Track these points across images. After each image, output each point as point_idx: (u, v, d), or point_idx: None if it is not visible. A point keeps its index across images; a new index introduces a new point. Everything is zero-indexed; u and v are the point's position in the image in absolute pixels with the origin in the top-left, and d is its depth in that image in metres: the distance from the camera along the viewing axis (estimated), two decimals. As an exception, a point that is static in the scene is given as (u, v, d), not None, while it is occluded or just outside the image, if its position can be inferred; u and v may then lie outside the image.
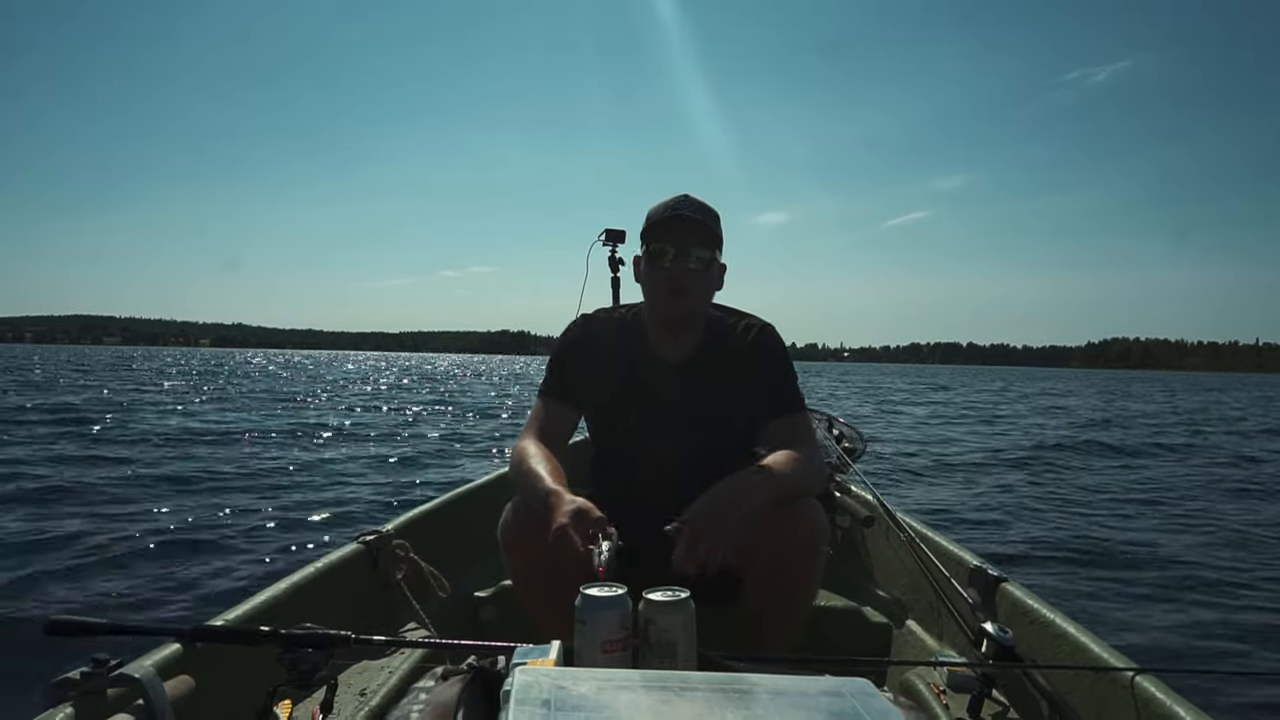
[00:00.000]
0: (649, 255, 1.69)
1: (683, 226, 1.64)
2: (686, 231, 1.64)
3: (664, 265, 1.65)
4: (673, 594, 1.09)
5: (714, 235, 1.67)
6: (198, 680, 1.16)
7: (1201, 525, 6.14)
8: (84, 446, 8.60)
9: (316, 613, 1.34)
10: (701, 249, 1.65)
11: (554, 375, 1.77)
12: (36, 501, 5.50)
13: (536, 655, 0.99)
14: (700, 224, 1.64)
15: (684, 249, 1.64)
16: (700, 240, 1.65)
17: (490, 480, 2.61)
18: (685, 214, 1.64)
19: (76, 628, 1.17)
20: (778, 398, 1.70)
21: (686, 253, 1.64)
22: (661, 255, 1.65)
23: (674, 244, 1.64)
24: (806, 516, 1.51)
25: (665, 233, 1.65)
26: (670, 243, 1.64)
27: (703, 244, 1.65)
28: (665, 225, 1.65)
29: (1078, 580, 4.39)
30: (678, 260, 1.64)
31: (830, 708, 0.73)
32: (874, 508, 2.29)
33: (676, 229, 1.64)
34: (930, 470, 9.00)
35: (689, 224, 1.64)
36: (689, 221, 1.64)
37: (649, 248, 1.68)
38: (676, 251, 1.64)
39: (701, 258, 1.65)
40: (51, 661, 2.88)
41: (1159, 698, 1.19)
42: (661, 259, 1.65)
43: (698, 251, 1.64)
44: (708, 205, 1.70)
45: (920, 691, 1.49)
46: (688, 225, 1.64)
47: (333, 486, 6.72)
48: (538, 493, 1.45)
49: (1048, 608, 1.56)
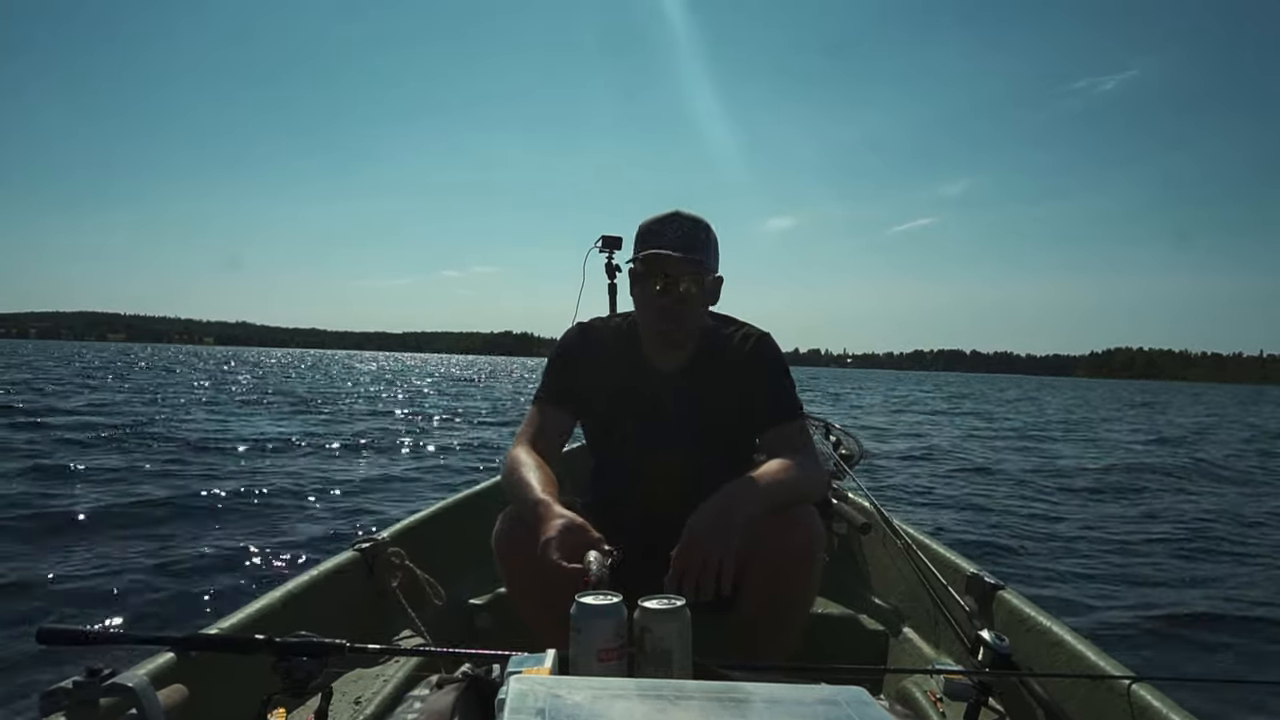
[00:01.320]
0: (636, 276, 1.68)
1: (668, 261, 1.61)
2: (672, 264, 1.61)
3: (652, 292, 1.65)
4: (668, 602, 1.08)
5: (701, 263, 1.63)
6: (192, 689, 1.15)
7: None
8: (204, 460, 8.20)
9: (311, 621, 1.33)
10: (688, 279, 1.63)
11: (550, 381, 1.77)
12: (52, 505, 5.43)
13: (531, 664, 0.99)
14: (685, 257, 1.61)
15: (671, 279, 1.63)
16: (687, 271, 1.62)
17: (485, 488, 2.60)
18: (669, 246, 1.61)
19: (69, 636, 1.16)
20: (775, 405, 1.70)
21: (673, 283, 1.63)
22: (649, 282, 1.65)
23: (660, 275, 1.63)
24: (803, 523, 1.51)
25: (653, 262, 1.62)
26: (656, 273, 1.63)
27: (690, 274, 1.63)
28: (651, 258, 1.62)
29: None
30: (664, 291, 1.63)
31: (826, 716, 0.73)
32: (871, 515, 2.29)
33: (662, 261, 1.61)
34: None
35: (674, 261, 1.60)
36: (675, 256, 1.60)
37: (636, 269, 1.67)
38: (663, 284, 1.63)
39: (688, 286, 1.63)
40: (44, 671, 2.87)
41: (1155, 706, 1.18)
42: (649, 285, 1.65)
43: (685, 281, 1.63)
44: (700, 223, 1.66)
45: (917, 700, 1.49)
46: (673, 262, 1.60)
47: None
48: (528, 503, 1.45)
49: (1045, 616, 1.56)
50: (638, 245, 1.67)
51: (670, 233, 1.63)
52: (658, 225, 1.65)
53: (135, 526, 4.97)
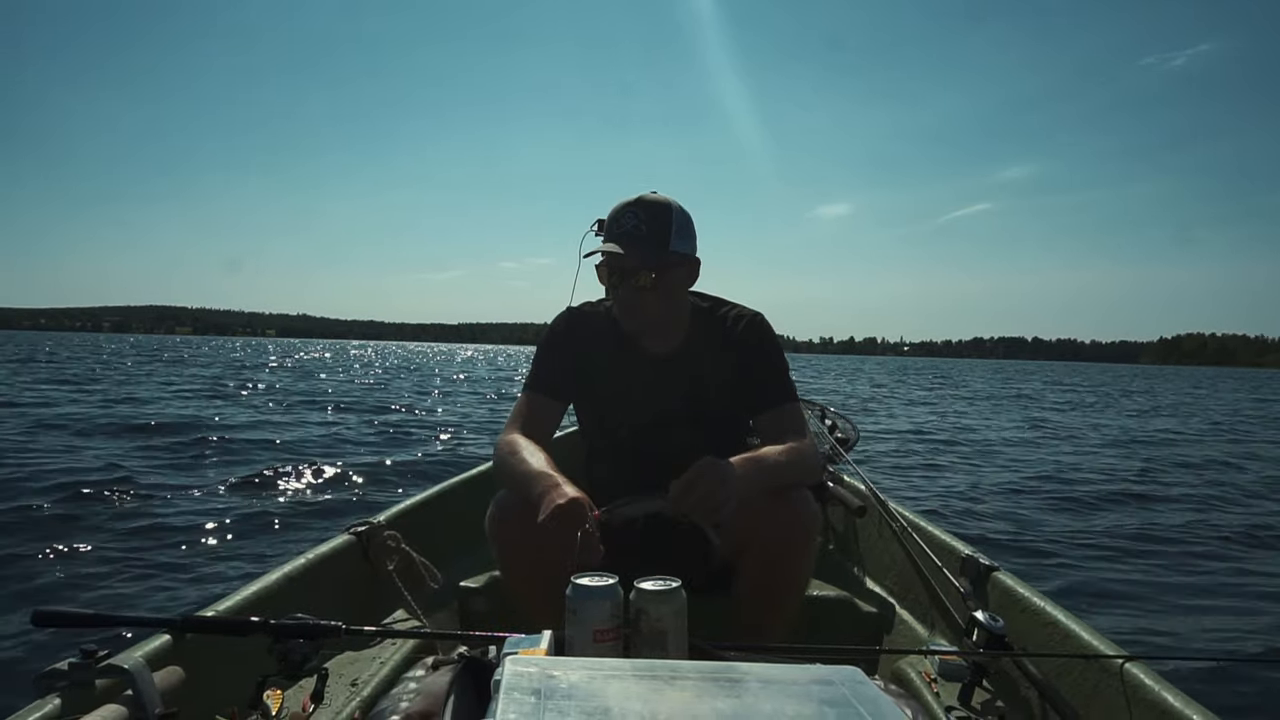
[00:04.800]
0: (599, 269, 1.66)
1: (618, 260, 1.58)
2: (624, 259, 1.58)
3: (613, 286, 1.64)
4: (664, 583, 1.09)
5: (657, 255, 1.60)
6: (187, 670, 1.15)
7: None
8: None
9: (307, 603, 1.33)
10: (649, 271, 1.60)
11: (539, 369, 1.74)
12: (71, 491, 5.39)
13: (527, 645, 0.99)
14: (640, 253, 1.58)
15: (629, 273, 1.60)
16: (643, 264, 1.59)
17: (481, 471, 2.60)
18: (622, 239, 1.58)
19: (64, 618, 1.16)
20: (769, 388, 1.69)
21: (632, 275, 1.60)
22: (609, 275, 1.64)
23: (617, 269, 1.61)
24: (798, 506, 1.51)
25: (609, 258, 1.60)
26: (612, 267, 1.61)
27: (647, 265, 1.59)
28: (607, 254, 1.59)
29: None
30: (624, 285, 1.62)
31: (821, 696, 0.73)
32: (866, 498, 2.29)
33: (613, 257, 1.59)
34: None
35: (626, 255, 1.57)
36: (626, 253, 1.57)
37: (597, 260, 1.64)
38: (622, 277, 1.61)
39: (644, 277, 1.60)
40: (39, 652, 2.88)
41: (1148, 684, 1.19)
42: (609, 279, 1.64)
43: (641, 274, 1.60)
44: (663, 208, 1.62)
45: (912, 680, 1.50)
46: (622, 257, 1.58)
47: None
48: (530, 476, 1.42)
49: (1038, 596, 1.57)
50: (604, 235, 1.64)
51: (628, 223, 1.60)
52: (617, 215, 1.62)
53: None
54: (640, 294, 1.62)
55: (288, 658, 1.17)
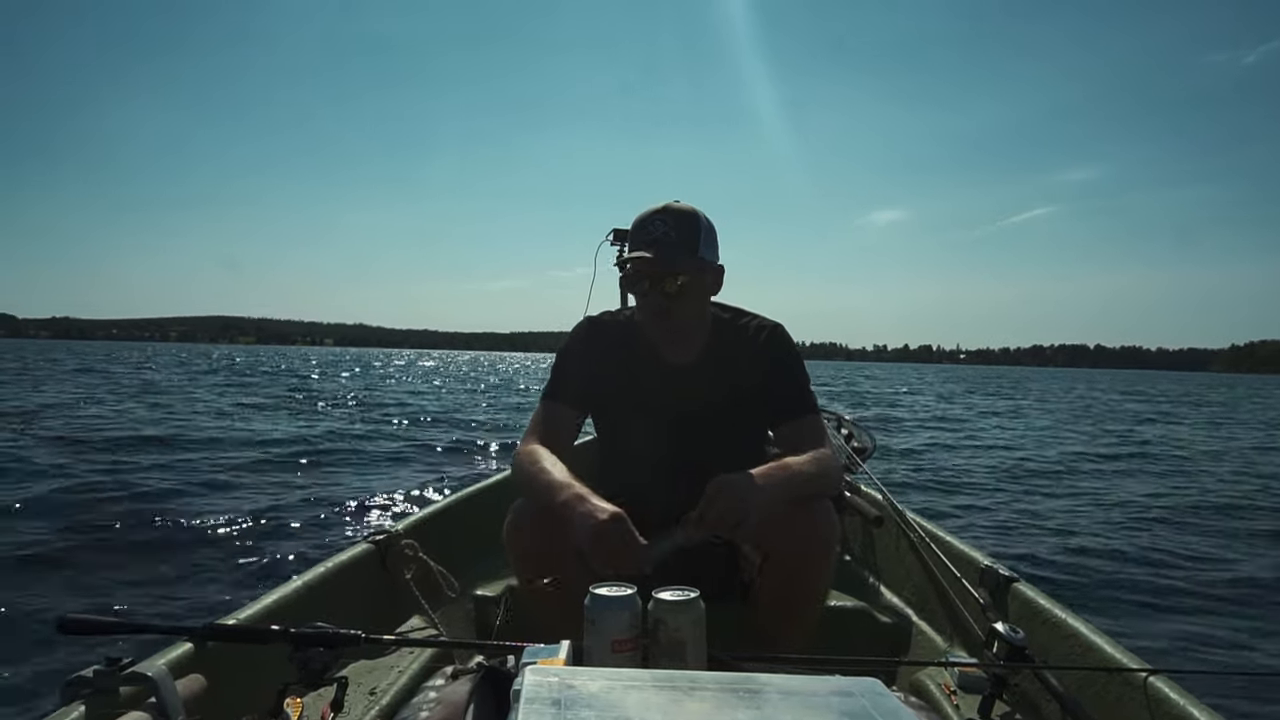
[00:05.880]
0: (627, 276, 1.68)
1: (650, 264, 1.60)
2: (654, 264, 1.60)
3: (642, 293, 1.65)
4: (683, 593, 1.09)
5: (688, 260, 1.62)
6: (209, 679, 1.16)
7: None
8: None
9: (326, 612, 1.34)
10: (676, 275, 1.61)
11: (557, 378, 1.75)
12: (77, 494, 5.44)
13: (546, 655, 0.99)
14: (671, 257, 1.60)
15: (658, 278, 1.62)
16: (671, 270, 1.61)
17: (499, 480, 2.61)
18: (652, 246, 1.60)
19: (89, 626, 1.17)
20: (789, 399, 1.68)
21: (659, 280, 1.62)
22: (639, 282, 1.65)
23: (647, 273, 1.62)
24: (818, 518, 1.50)
25: (639, 264, 1.62)
26: (644, 272, 1.63)
27: (680, 269, 1.61)
28: (636, 260, 1.61)
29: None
30: (653, 290, 1.63)
31: (841, 707, 0.73)
32: (884, 508, 2.28)
33: (643, 262, 1.61)
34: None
35: (657, 260, 1.60)
36: (657, 258, 1.60)
37: (626, 269, 1.67)
38: (650, 281, 1.63)
39: (671, 283, 1.62)
40: (64, 659, 2.91)
41: (1172, 699, 1.18)
42: (638, 286, 1.65)
43: (668, 280, 1.62)
44: (689, 216, 1.64)
45: (931, 692, 1.49)
46: (654, 262, 1.60)
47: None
48: (555, 485, 1.43)
49: (1059, 608, 1.55)
50: (630, 243, 1.66)
51: (656, 230, 1.62)
52: (644, 223, 1.64)
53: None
54: (668, 299, 1.63)
55: (308, 666, 1.17)
